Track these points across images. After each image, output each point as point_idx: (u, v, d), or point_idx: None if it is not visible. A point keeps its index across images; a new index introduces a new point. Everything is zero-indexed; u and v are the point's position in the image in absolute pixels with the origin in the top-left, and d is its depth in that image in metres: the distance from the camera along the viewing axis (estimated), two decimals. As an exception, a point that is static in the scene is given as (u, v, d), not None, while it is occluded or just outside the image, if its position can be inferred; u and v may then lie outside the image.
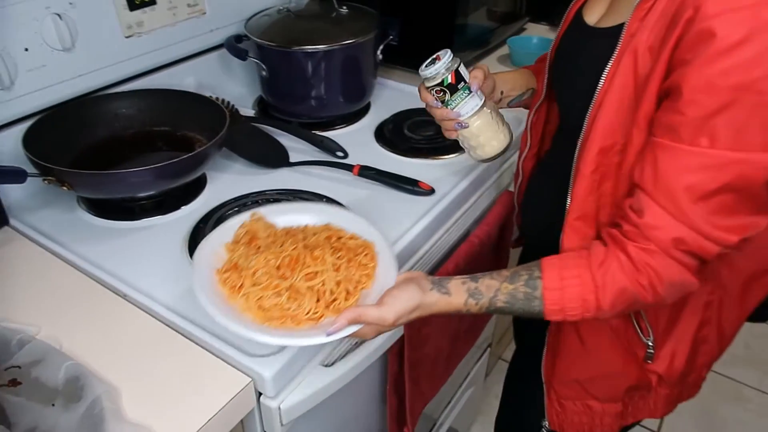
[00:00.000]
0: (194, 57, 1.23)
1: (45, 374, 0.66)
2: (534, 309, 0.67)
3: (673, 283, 0.63)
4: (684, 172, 0.58)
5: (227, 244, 0.73)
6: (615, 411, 0.84)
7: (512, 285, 0.67)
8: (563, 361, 0.83)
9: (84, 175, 0.86)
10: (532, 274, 0.67)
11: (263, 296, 0.65)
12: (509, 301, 0.67)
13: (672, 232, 0.60)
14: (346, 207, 0.83)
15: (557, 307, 0.66)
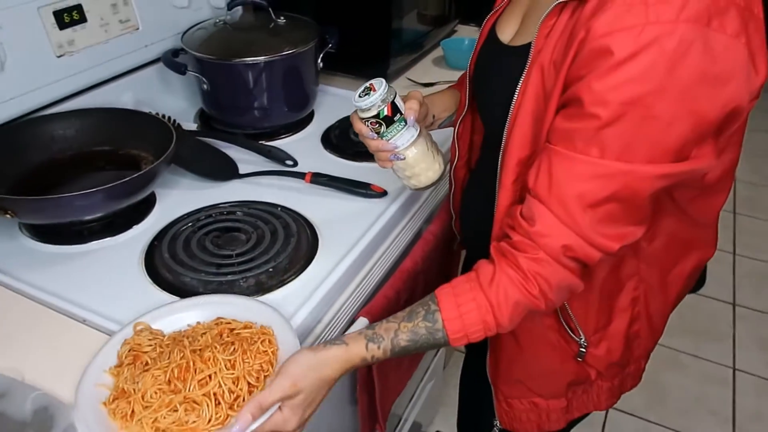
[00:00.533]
0: (130, 73, 1.21)
1: (10, 408, 0.64)
2: (439, 341, 0.68)
3: (562, 287, 0.66)
4: (576, 180, 0.60)
5: (111, 369, 0.68)
6: (560, 406, 0.87)
7: (411, 323, 0.68)
8: (504, 362, 0.86)
9: (28, 201, 0.84)
10: (429, 308, 0.68)
11: (158, 417, 0.62)
12: (412, 338, 0.68)
13: (561, 240, 0.62)
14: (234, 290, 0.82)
15: (460, 334, 0.67)
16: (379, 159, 0.86)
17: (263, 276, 0.85)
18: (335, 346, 0.67)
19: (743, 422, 1.80)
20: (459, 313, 0.67)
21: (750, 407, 1.85)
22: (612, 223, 0.62)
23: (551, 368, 0.84)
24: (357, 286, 0.90)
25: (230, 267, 0.85)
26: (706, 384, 1.92)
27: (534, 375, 0.85)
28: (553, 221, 0.62)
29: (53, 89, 1.06)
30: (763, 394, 1.89)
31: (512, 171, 0.70)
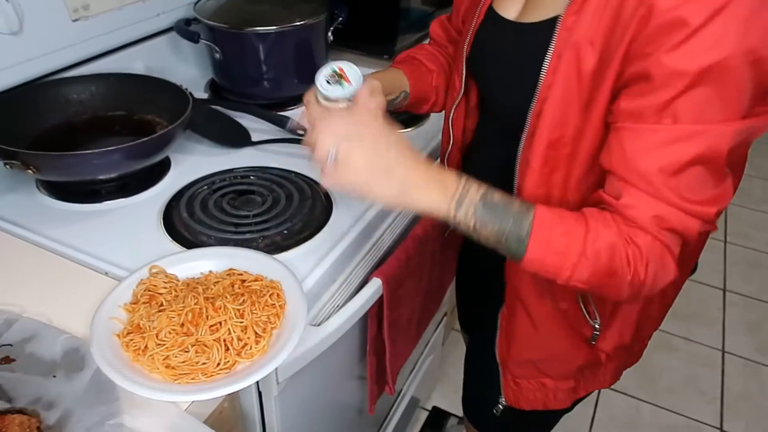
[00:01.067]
0: (142, 41, 1.22)
1: (40, 349, 0.66)
2: (521, 234, 0.62)
3: (655, 262, 0.61)
4: (653, 150, 0.59)
5: (126, 305, 0.71)
6: (568, 387, 0.88)
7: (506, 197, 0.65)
8: (517, 343, 0.86)
9: (50, 157, 0.85)
10: (526, 203, 0.65)
11: (170, 355, 0.64)
12: (505, 201, 0.63)
13: (651, 210, 0.60)
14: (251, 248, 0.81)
15: (543, 238, 0.62)
16: None
17: (278, 237, 0.86)
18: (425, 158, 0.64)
19: (731, 401, 1.85)
20: (551, 221, 0.63)
21: (737, 388, 1.90)
22: (701, 187, 0.60)
23: (564, 351, 0.84)
24: (369, 248, 0.92)
25: (248, 227, 0.87)
26: (696, 365, 1.97)
27: (546, 357, 0.85)
28: (638, 193, 0.60)
29: (68, 53, 1.07)
30: (751, 375, 1.94)
31: (541, 154, 0.68)
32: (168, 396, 0.60)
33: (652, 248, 0.61)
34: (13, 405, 0.61)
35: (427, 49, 0.97)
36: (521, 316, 0.82)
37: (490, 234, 0.64)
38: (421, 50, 0.97)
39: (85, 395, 0.61)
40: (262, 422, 0.82)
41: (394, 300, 0.94)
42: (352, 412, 1.16)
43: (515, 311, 0.83)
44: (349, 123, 0.64)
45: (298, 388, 0.85)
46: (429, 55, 0.96)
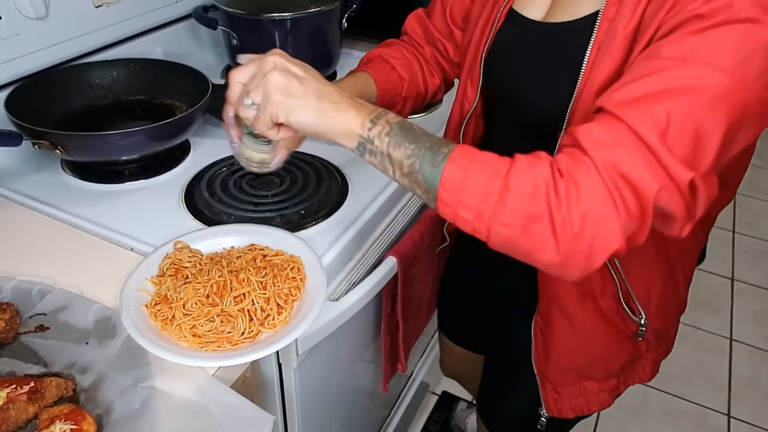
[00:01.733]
0: (161, 28, 1.25)
1: (73, 318, 0.69)
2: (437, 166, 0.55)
3: (593, 215, 0.50)
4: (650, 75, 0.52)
5: (153, 278, 0.73)
6: (611, 386, 0.86)
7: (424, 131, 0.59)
8: (557, 352, 0.82)
9: (79, 137, 0.88)
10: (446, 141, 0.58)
11: (196, 324, 0.67)
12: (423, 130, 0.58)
13: (615, 148, 0.50)
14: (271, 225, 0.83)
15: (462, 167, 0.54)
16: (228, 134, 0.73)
17: (296, 216, 0.89)
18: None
19: (738, 388, 1.87)
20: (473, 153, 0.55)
21: (745, 375, 1.91)
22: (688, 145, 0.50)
23: (608, 352, 0.81)
24: (385, 228, 0.95)
25: (266, 206, 0.90)
26: (704, 353, 1.98)
27: (589, 361, 0.82)
28: (615, 123, 0.51)
29: (91, 39, 1.10)
30: (758, 362, 1.95)
31: None
32: (196, 362, 0.63)
33: (594, 193, 0.50)
34: (50, 369, 0.64)
35: (402, 51, 0.90)
36: (560, 322, 0.78)
37: (402, 157, 0.57)
38: (394, 51, 0.90)
39: (118, 360, 0.64)
40: (281, 393, 0.85)
41: (407, 278, 0.97)
42: (366, 392, 1.18)
43: (551, 318, 0.79)
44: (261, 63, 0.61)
45: (316, 363, 0.88)
46: (403, 62, 0.89)
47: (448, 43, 0.90)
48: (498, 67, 0.77)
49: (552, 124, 0.67)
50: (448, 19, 0.88)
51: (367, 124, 0.59)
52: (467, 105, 0.83)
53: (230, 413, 0.60)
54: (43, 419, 0.56)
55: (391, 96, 0.87)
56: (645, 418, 1.78)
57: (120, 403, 0.59)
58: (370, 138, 0.58)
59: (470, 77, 0.81)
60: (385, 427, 1.40)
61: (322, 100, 0.59)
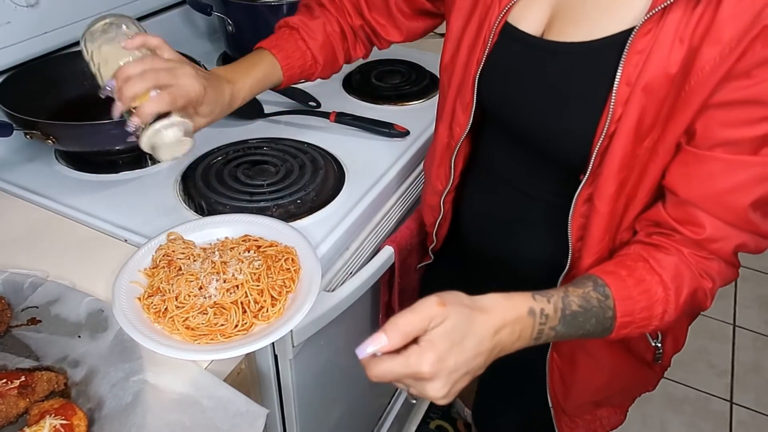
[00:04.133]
0: (155, 14, 1.22)
1: (65, 311, 0.68)
2: (607, 321, 0.58)
3: (725, 280, 0.62)
4: (747, 185, 0.55)
5: (146, 270, 0.73)
6: (625, 408, 0.87)
7: (580, 289, 0.58)
8: (578, 389, 0.80)
9: (70, 127, 0.87)
10: (596, 282, 0.59)
11: (189, 317, 0.66)
12: (583, 304, 0.57)
13: (735, 241, 0.58)
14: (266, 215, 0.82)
15: (628, 318, 0.58)
16: None
17: (292, 206, 0.88)
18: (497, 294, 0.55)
19: (741, 374, 1.86)
20: (629, 294, 0.58)
21: (748, 360, 1.91)
22: None
23: (629, 383, 0.81)
24: (382, 218, 0.94)
25: (262, 195, 0.88)
26: (707, 339, 1.97)
27: (611, 394, 0.82)
28: (724, 226, 0.58)
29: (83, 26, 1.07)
30: (761, 348, 1.95)
31: (610, 199, 0.62)
32: (188, 355, 0.63)
33: (726, 274, 0.61)
34: (41, 363, 0.63)
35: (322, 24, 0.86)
36: (585, 362, 0.76)
37: (574, 339, 0.61)
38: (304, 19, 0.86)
39: (109, 354, 0.63)
40: (278, 384, 0.85)
41: (405, 268, 0.96)
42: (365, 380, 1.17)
43: (576, 359, 0.77)
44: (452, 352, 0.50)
45: (313, 353, 0.88)
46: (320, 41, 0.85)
47: (381, 28, 0.87)
48: (494, 88, 0.70)
49: (563, 151, 0.65)
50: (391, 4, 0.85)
51: (532, 342, 0.56)
52: (458, 130, 0.75)
53: (223, 407, 0.60)
54: (33, 414, 0.56)
55: (299, 75, 0.86)
56: (646, 404, 1.77)
57: (111, 397, 0.59)
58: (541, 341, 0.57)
59: (460, 100, 0.73)
60: (386, 416, 1.40)
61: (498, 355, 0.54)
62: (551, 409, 0.84)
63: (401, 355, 0.49)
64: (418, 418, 1.68)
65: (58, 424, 0.53)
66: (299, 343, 0.79)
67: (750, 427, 1.72)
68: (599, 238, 0.64)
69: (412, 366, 0.48)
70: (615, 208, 0.62)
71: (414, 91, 1.19)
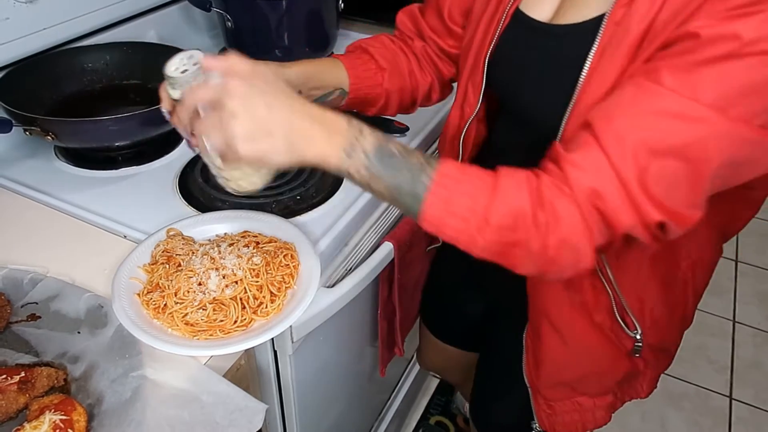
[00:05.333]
0: (155, 10, 1.22)
1: (65, 307, 0.68)
2: (417, 190, 0.54)
3: (568, 242, 0.53)
4: (647, 114, 0.50)
5: (145, 266, 0.73)
6: (606, 403, 0.83)
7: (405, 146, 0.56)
8: (547, 366, 0.79)
9: (69, 123, 0.87)
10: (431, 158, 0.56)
11: (188, 313, 0.66)
12: (404, 154, 0.54)
13: (596, 181, 0.51)
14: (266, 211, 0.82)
15: (443, 198, 0.54)
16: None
17: (291, 202, 0.88)
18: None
19: (741, 370, 1.86)
20: (458, 177, 0.54)
21: (748, 357, 1.91)
22: (666, 186, 0.50)
23: (602, 368, 0.77)
24: (381, 213, 0.94)
25: (261, 191, 0.88)
26: (707, 335, 1.98)
27: (582, 376, 0.79)
28: (597, 155, 0.51)
29: (82, 22, 1.08)
30: (761, 344, 1.95)
31: None
32: (188, 351, 0.63)
33: (571, 221, 0.52)
34: (41, 359, 0.63)
35: (385, 41, 0.84)
36: (549, 335, 0.76)
37: (383, 189, 0.55)
38: (377, 42, 0.84)
39: (109, 350, 0.63)
40: (277, 380, 0.85)
41: (404, 264, 0.96)
42: (365, 376, 1.18)
43: (542, 332, 0.77)
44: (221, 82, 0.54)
45: (312, 349, 0.88)
46: (383, 51, 0.82)
47: (442, 41, 0.84)
48: (501, 70, 0.72)
49: (549, 128, 0.65)
50: (445, 17, 0.82)
51: (342, 156, 0.54)
52: (468, 110, 0.78)
53: (222, 402, 0.60)
54: (33, 409, 0.56)
55: (368, 86, 0.80)
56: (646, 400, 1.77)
57: (111, 392, 0.59)
58: (349, 172, 0.55)
59: (472, 80, 0.76)
60: (386, 411, 1.40)
61: (292, 138, 0.53)
62: (528, 389, 0.84)
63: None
64: (418, 413, 1.68)
65: (57, 419, 0.54)
66: (299, 339, 0.79)
67: (749, 423, 1.72)
68: None
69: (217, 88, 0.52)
70: None
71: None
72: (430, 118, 1.10)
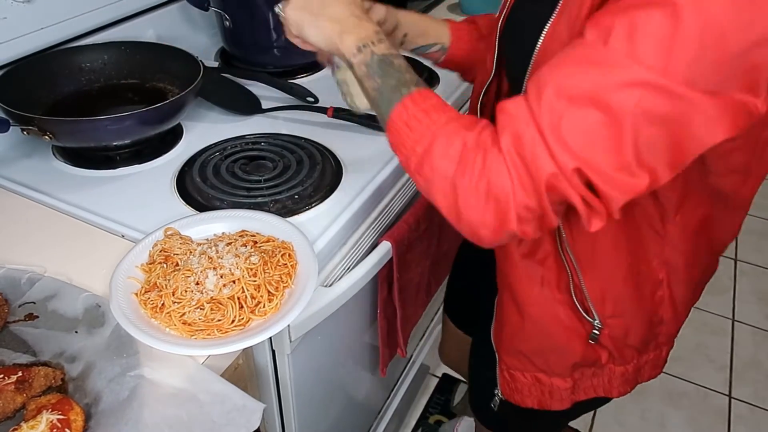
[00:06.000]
0: (152, 10, 1.22)
1: (62, 306, 0.68)
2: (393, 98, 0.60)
3: (491, 189, 0.53)
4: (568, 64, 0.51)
5: (143, 266, 0.73)
6: (564, 386, 0.82)
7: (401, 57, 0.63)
8: (506, 331, 0.82)
9: (67, 122, 0.87)
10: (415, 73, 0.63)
11: (186, 312, 0.66)
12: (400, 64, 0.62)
13: (516, 125, 0.52)
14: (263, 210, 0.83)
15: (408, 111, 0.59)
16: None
17: (289, 201, 0.88)
18: None
19: (740, 369, 1.87)
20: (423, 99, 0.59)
21: (747, 355, 1.91)
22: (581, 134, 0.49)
23: (556, 345, 0.78)
24: (380, 213, 0.94)
25: (259, 191, 0.88)
26: (706, 334, 1.98)
27: (537, 349, 0.80)
28: (520, 102, 0.53)
29: (80, 22, 1.08)
30: (760, 343, 1.95)
31: None
32: (185, 350, 0.63)
33: (495, 166, 0.52)
34: (38, 359, 0.63)
35: (492, 17, 0.88)
36: (508, 303, 0.80)
37: (369, 87, 0.63)
38: (486, 17, 0.92)
39: (106, 349, 0.63)
40: (276, 380, 0.85)
41: (403, 263, 0.96)
42: (364, 374, 1.18)
43: (503, 297, 0.81)
44: None
45: (311, 348, 0.88)
46: (489, 22, 0.90)
47: None
48: (508, 38, 0.76)
49: None
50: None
51: (353, 50, 0.63)
52: (485, 76, 0.82)
53: (219, 401, 0.60)
54: (30, 409, 0.56)
55: (467, 51, 0.90)
56: (644, 399, 1.78)
57: (108, 392, 0.59)
58: (351, 62, 0.64)
59: (490, 48, 0.81)
60: (385, 410, 1.40)
61: (322, 19, 0.64)
62: (496, 356, 0.86)
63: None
64: (417, 412, 1.68)
65: (55, 419, 0.54)
66: (297, 338, 0.79)
67: (749, 421, 1.72)
68: None
69: None
70: None
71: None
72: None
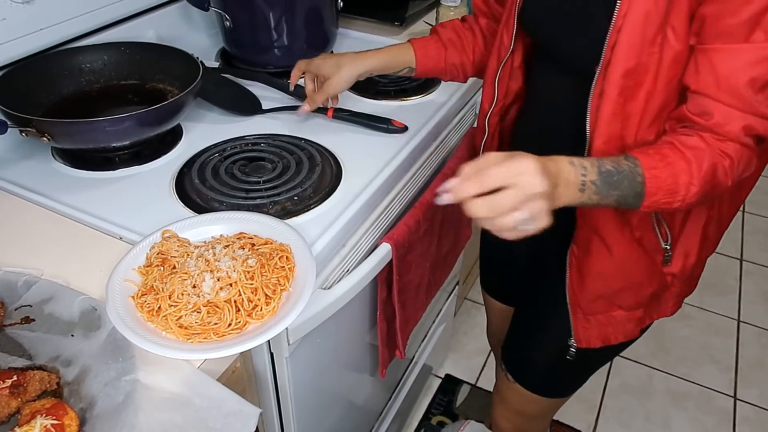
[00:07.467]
0: (153, 10, 1.22)
1: (58, 310, 0.68)
2: (637, 187, 0.67)
3: (742, 163, 0.69)
4: (745, 69, 0.64)
5: (140, 268, 0.73)
6: (636, 317, 0.90)
7: (611, 160, 0.68)
8: (591, 279, 0.86)
9: (64, 124, 0.86)
10: (626, 155, 0.69)
11: (182, 315, 0.66)
12: (615, 167, 0.67)
13: (741, 122, 0.66)
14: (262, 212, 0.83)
15: (656, 183, 0.67)
16: None
17: (288, 202, 0.87)
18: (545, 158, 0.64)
19: (745, 370, 1.85)
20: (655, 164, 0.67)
21: (752, 356, 1.89)
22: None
23: (638, 280, 0.86)
24: (379, 214, 0.93)
25: (258, 192, 0.88)
26: (711, 334, 1.96)
27: (621, 289, 0.86)
28: (729, 110, 0.66)
29: (80, 22, 1.08)
30: (767, 344, 1.93)
31: (617, 84, 0.71)
32: (181, 354, 0.62)
33: (741, 154, 0.68)
34: (34, 362, 0.63)
35: (456, 24, 1.03)
36: (599, 250, 0.83)
37: (612, 201, 0.68)
38: (447, 25, 1.03)
39: (102, 353, 0.63)
40: (274, 383, 0.84)
41: (403, 265, 0.95)
42: (365, 376, 1.18)
43: (590, 247, 0.84)
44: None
45: (310, 351, 0.87)
46: (449, 32, 1.02)
47: (498, 13, 0.95)
48: (533, 13, 0.82)
49: (586, 63, 0.74)
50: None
51: (577, 200, 0.66)
52: (503, 52, 0.89)
53: (215, 406, 0.59)
54: (24, 414, 0.56)
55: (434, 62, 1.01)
56: (649, 400, 1.76)
57: (103, 396, 0.59)
58: (582, 201, 0.67)
59: (506, 28, 0.86)
60: (387, 411, 1.40)
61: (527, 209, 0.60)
62: (568, 305, 0.91)
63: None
64: (419, 413, 1.68)
65: (49, 424, 0.53)
66: (295, 341, 0.78)
67: (754, 423, 1.71)
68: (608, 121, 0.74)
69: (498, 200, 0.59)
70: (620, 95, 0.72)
71: (413, 86, 1.18)
72: (429, 117, 1.09)
